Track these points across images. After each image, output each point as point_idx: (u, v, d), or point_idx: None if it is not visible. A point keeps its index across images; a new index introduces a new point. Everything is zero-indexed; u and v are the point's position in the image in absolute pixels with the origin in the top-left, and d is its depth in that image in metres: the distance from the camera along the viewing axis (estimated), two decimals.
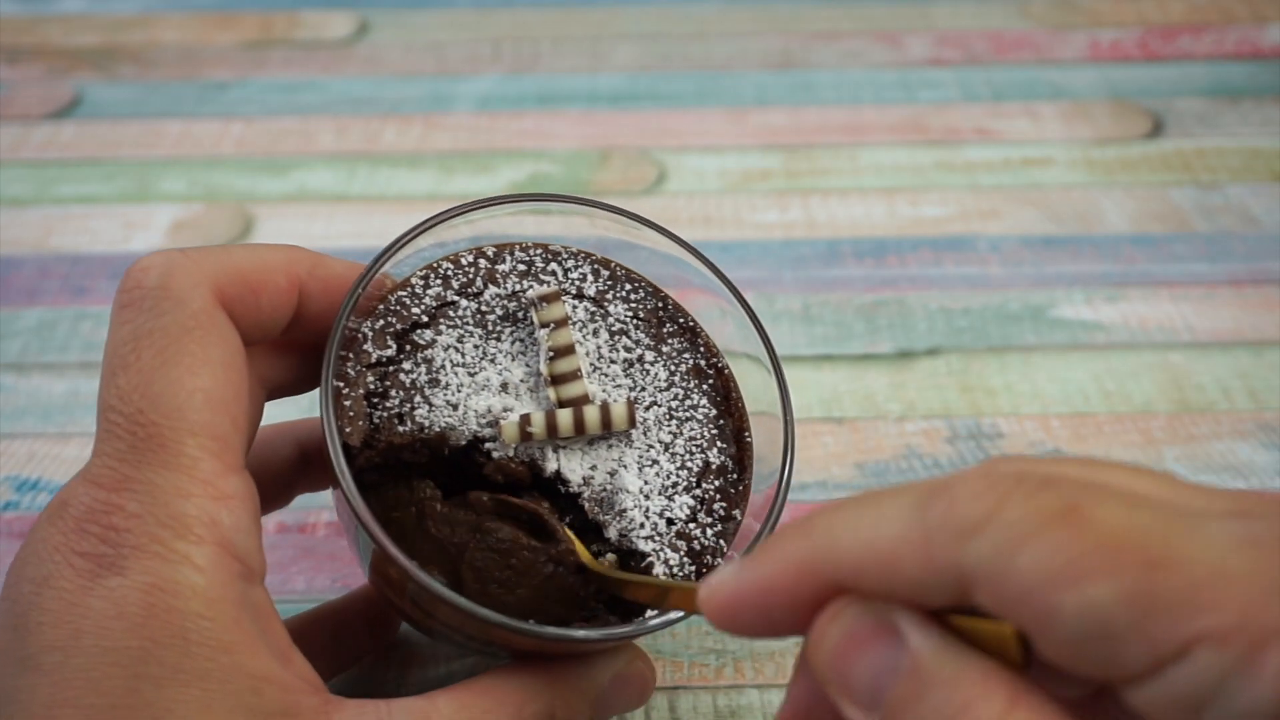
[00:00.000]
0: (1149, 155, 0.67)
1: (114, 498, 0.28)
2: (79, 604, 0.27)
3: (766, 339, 0.36)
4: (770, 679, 0.42)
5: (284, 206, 0.63)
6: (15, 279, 0.59)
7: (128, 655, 0.27)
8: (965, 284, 0.58)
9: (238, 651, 0.28)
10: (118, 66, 0.74)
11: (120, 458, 0.29)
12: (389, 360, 0.34)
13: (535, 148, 0.67)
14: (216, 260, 0.31)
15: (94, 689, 0.27)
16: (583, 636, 0.32)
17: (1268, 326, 0.56)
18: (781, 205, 0.63)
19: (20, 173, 0.65)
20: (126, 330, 0.30)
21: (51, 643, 0.27)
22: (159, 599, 0.27)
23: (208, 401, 0.29)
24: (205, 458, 0.29)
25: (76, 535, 0.28)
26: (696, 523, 0.34)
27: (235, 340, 0.31)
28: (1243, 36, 0.76)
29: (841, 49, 0.76)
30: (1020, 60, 0.75)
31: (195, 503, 0.28)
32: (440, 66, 0.74)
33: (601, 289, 0.37)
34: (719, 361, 0.37)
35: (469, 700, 0.31)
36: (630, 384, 0.36)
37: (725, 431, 0.36)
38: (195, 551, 0.28)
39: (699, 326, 0.37)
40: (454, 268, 0.36)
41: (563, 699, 0.32)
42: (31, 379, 0.53)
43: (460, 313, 0.35)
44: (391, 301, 0.35)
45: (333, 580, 0.45)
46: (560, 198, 0.37)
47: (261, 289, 0.32)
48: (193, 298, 0.30)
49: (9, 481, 0.49)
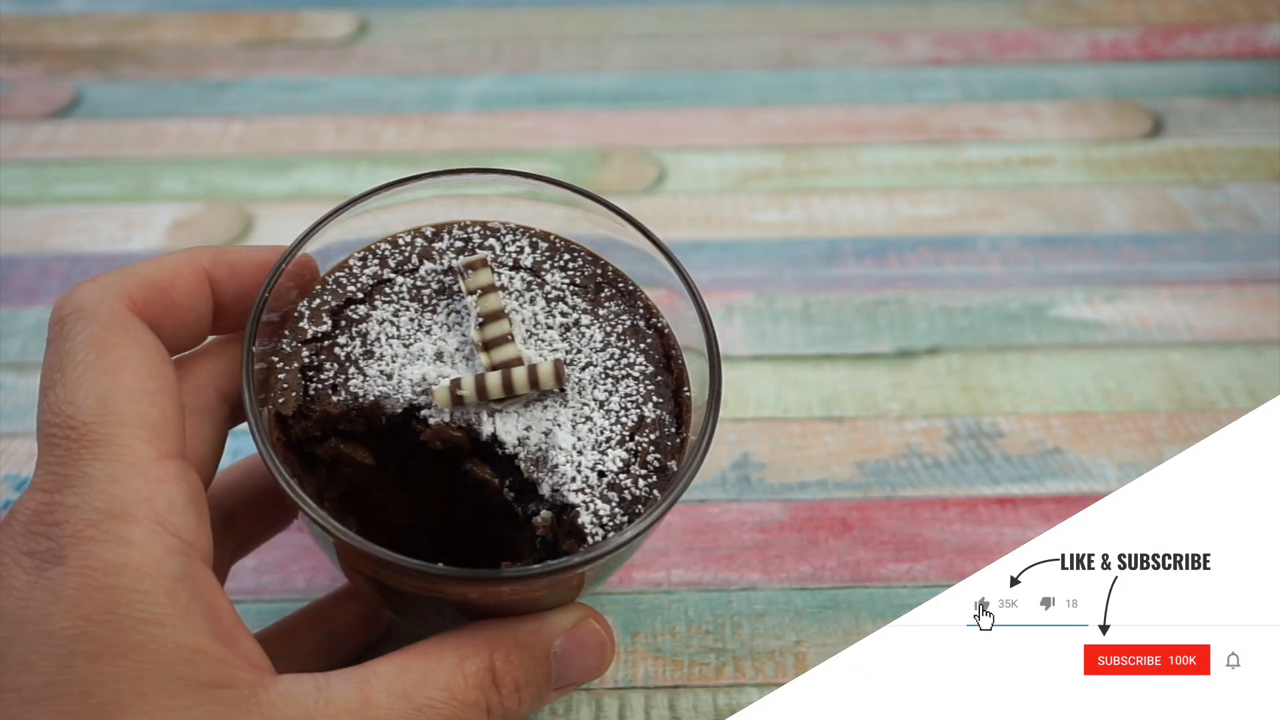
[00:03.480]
0: (1149, 155, 0.67)
1: (54, 496, 0.29)
2: (25, 598, 0.28)
3: (691, 284, 0.36)
4: (770, 678, 0.42)
5: (284, 206, 0.63)
6: (15, 279, 0.59)
7: (62, 635, 0.28)
8: (965, 283, 0.58)
9: (170, 624, 0.28)
10: (118, 66, 0.74)
11: (58, 461, 0.30)
12: (324, 335, 0.35)
13: (535, 148, 0.67)
14: (122, 274, 0.33)
15: (29, 670, 0.27)
16: (511, 574, 0.31)
17: (1268, 326, 0.56)
18: (781, 205, 0.63)
19: (20, 173, 0.65)
20: (52, 357, 0.32)
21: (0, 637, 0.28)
22: (93, 579, 0.28)
23: (132, 396, 0.30)
24: (137, 445, 0.30)
25: (23, 537, 0.29)
26: (629, 474, 0.34)
27: (152, 340, 0.32)
28: (1243, 36, 0.76)
29: (841, 49, 0.76)
30: (1020, 60, 0.75)
31: (128, 485, 0.29)
32: (440, 66, 0.74)
33: (539, 259, 0.38)
34: (659, 322, 0.37)
35: (407, 663, 0.31)
36: (566, 347, 0.36)
37: (663, 387, 0.36)
38: (129, 530, 0.29)
39: (639, 290, 0.38)
40: (391, 248, 0.37)
41: (503, 654, 0.32)
42: (31, 379, 0.53)
43: (396, 289, 0.36)
44: (329, 281, 0.36)
45: (332, 580, 0.45)
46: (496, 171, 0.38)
47: (169, 286, 0.33)
48: (102, 312, 0.32)
49: (9, 481, 0.49)
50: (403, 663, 0.31)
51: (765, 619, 0.44)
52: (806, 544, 0.46)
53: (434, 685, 0.31)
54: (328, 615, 0.40)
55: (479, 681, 0.32)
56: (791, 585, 0.45)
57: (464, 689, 0.31)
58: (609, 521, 0.33)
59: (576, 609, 0.35)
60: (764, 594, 0.45)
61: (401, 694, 0.30)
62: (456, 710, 0.31)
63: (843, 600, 0.44)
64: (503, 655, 0.32)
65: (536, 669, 0.33)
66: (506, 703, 0.32)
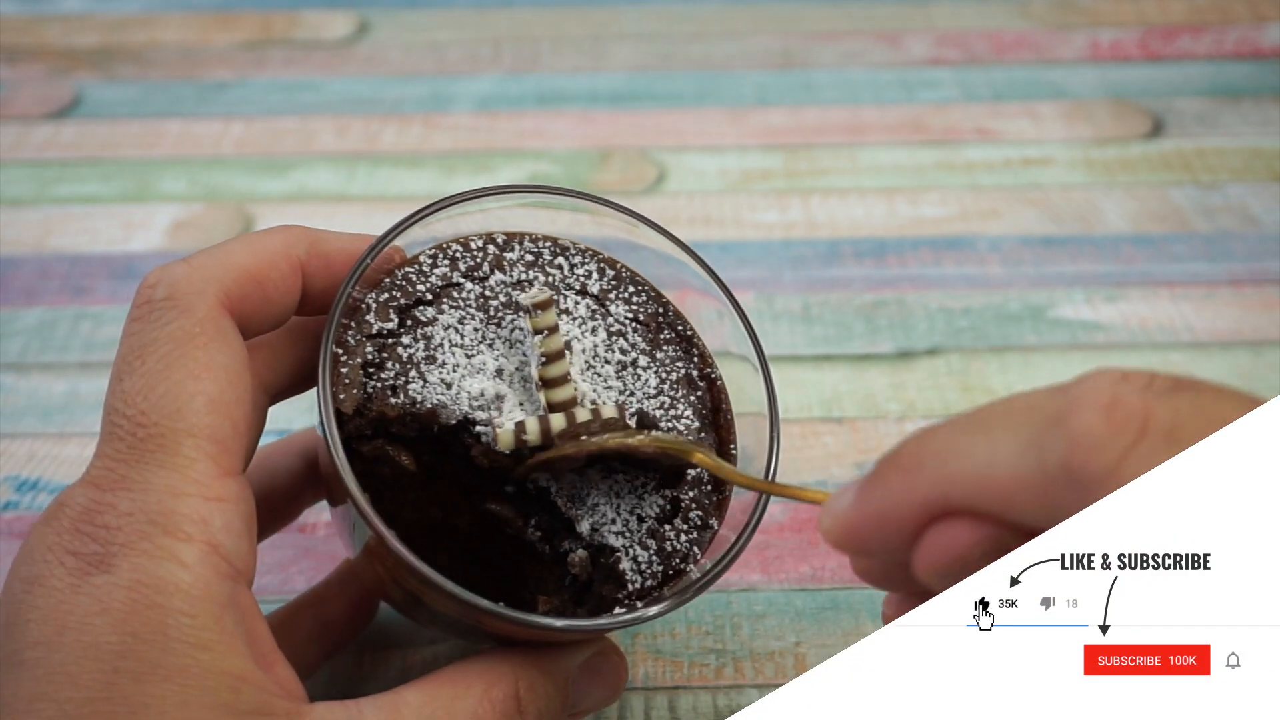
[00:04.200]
0: (1149, 155, 0.67)
1: (108, 497, 0.29)
2: (66, 602, 0.28)
3: (758, 344, 0.36)
4: (770, 679, 0.42)
5: (284, 206, 0.63)
6: (15, 279, 0.59)
7: (108, 650, 0.27)
8: (965, 284, 0.58)
9: (217, 650, 0.28)
10: (118, 66, 0.74)
11: (119, 458, 0.29)
12: (389, 333, 0.34)
13: (535, 148, 0.67)
14: (219, 263, 0.32)
15: (72, 683, 0.27)
16: (563, 626, 0.32)
17: (1268, 326, 0.56)
18: (781, 205, 0.63)
19: (20, 173, 0.65)
20: (134, 340, 0.31)
21: (37, 639, 0.28)
22: (143, 595, 0.28)
23: (209, 405, 0.30)
24: (201, 459, 0.29)
25: (70, 535, 0.28)
26: (671, 526, 0.34)
27: (238, 344, 0.31)
28: (1243, 36, 0.76)
29: (841, 49, 0.76)
30: (1020, 60, 0.75)
31: (187, 502, 0.29)
32: (440, 66, 0.74)
33: (605, 288, 0.37)
34: (712, 373, 0.37)
35: (434, 691, 0.31)
36: (620, 386, 0.36)
37: (706, 444, 0.36)
38: (183, 549, 0.28)
39: (696, 336, 0.38)
40: (463, 250, 0.36)
41: (527, 682, 0.32)
42: (31, 379, 0.53)
43: (464, 295, 0.36)
44: (398, 276, 0.35)
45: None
46: (574, 193, 0.37)
47: (265, 280, 0.32)
48: (197, 305, 0.31)
49: (9, 481, 0.49)
50: (431, 691, 0.31)
51: (765, 620, 0.44)
52: (806, 545, 0.46)
53: (461, 713, 0.31)
54: (322, 603, 0.40)
55: (504, 710, 0.32)
56: (791, 586, 0.45)
57: (491, 716, 0.31)
58: (647, 569, 0.34)
59: (595, 641, 0.35)
60: (764, 595, 0.45)
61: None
62: None
63: (842, 601, 0.44)
64: (527, 684, 0.32)
65: (557, 696, 0.33)
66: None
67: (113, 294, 0.58)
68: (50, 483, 0.49)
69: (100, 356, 0.54)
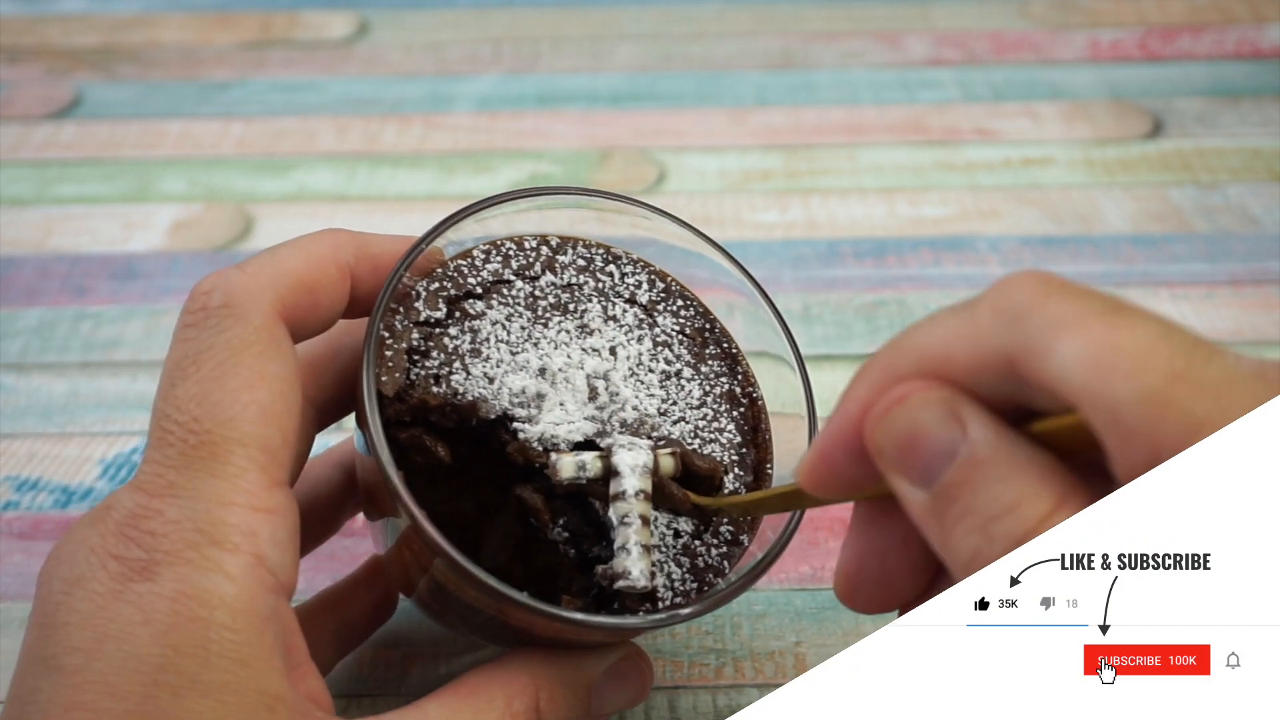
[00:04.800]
0: (1149, 155, 0.67)
1: (156, 503, 0.28)
2: (107, 608, 0.27)
3: (792, 339, 0.37)
4: (770, 679, 0.42)
5: (284, 206, 0.63)
6: (15, 279, 0.59)
7: (149, 663, 0.27)
8: (965, 284, 0.58)
9: (257, 667, 0.28)
10: (118, 66, 0.74)
11: (169, 464, 0.29)
12: (437, 322, 0.34)
13: (535, 148, 0.67)
14: (274, 271, 0.32)
15: (111, 694, 0.27)
16: (590, 622, 0.31)
17: (1268, 326, 0.56)
18: (781, 205, 0.63)
19: (20, 173, 0.65)
20: (189, 346, 0.30)
21: (76, 644, 0.27)
22: (186, 607, 0.27)
23: (261, 414, 0.29)
24: (252, 469, 0.29)
25: (115, 539, 0.28)
26: (702, 542, 0.34)
27: (291, 353, 0.31)
28: (1243, 36, 0.76)
29: (841, 49, 0.76)
30: (1020, 60, 0.75)
31: (235, 512, 0.28)
32: (440, 66, 0.74)
33: (654, 299, 0.38)
34: (754, 392, 0.38)
35: (456, 703, 0.31)
36: (664, 395, 0.36)
37: (746, 461, 0.36)
38: (229, 561, 0.28)
39: (741, 354, 0.38)
40: (516, 249, 0.37)
41: (548, 692, 0.32)
42: (31, 379, 0.53)
43: (514, 292, 0.36)
44: (450, 267, 0.35)
45: (332, 579, 0.45)
46: (604, 194, 0.38)
47: (317, 286, 0.32)
48: (253, 313, 0.31)
49: (9, 481, 0.49)
50: (454, 704, 0.31)
51: (765, 619, 0.44)
52: (806, 544, 0.46)
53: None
54: (342, 603, 0.40)
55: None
56: (791, 586, 0.45)
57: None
58: (679, 586, 0.34)
59: (621, 645, 0.35)
60: (764, 594, 0.45)
61: None
62: None
63: None
64: (548, 694, 0.32)
65: (578, 704, 0.33)
66: None
67: (113, 294, 0.58)
68: (50, 483, 0.49)
69: (100, 357, 0.54)
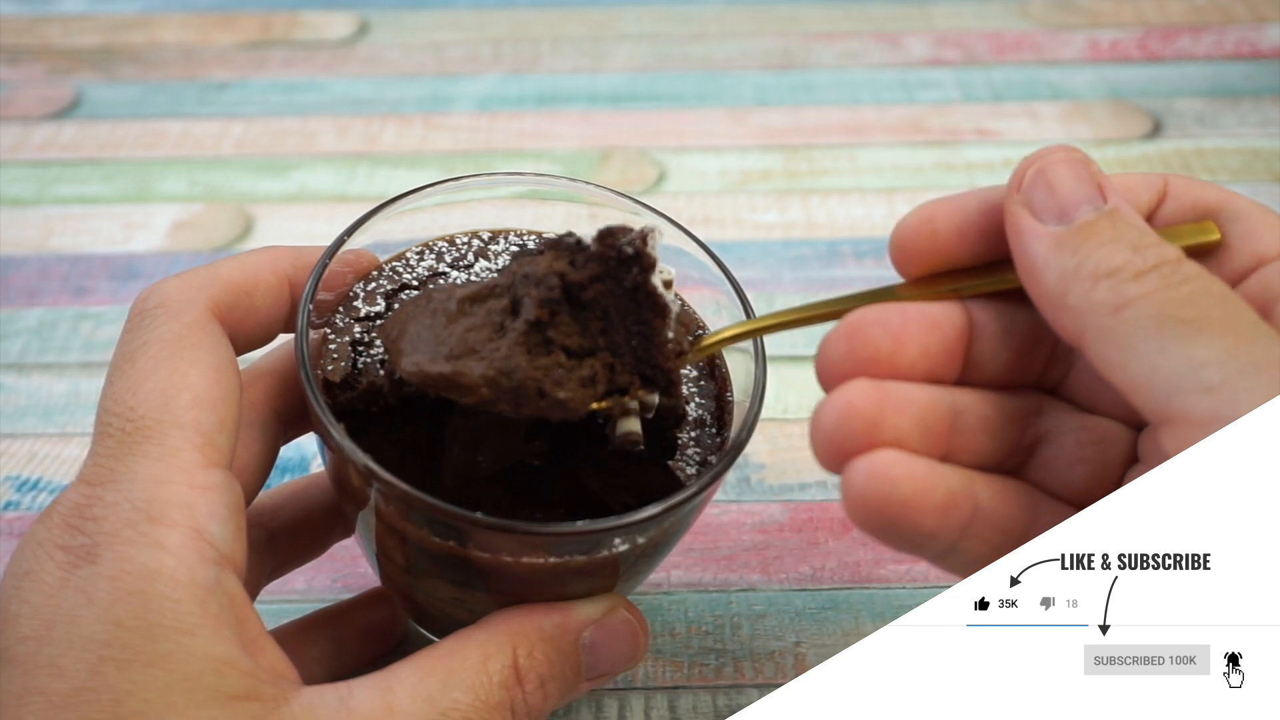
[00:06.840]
0: (1148, 155, 0.67)
1: (96, 491, 0.29)
2: (55, 596, 0.28)
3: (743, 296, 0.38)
4: (770, 679, 0.42)
5: (284, 206, 0.63)
6: (15, 279, 0.59)
7: (94, 640, 0.27)
8: None
9: (201, 634, 0.28)
10: (118, 66, 0.74)
11: (109, 454, 0.30)
12: (377, 315, 0.36)
13: (535, 148, 0.67)
14: (207, 274, 0.34)
15: (59, 675, 0.27)
16: (550, 531, 0.31)
17: None
18: (781, 205, 0.63)
19: (20, 173, 0.66)
20: (126, 346, 0.32)
21: (26, 634, 0.28)
22: (127, 583, 0.28)
23: (195, 399, 0.31)
24: (187, 449, 0.30)
25: (60, 530, 0.29)
26: (672, 463, 0.35)
27: (226, 347, 0.33)
28: (1242, 37, 0.76)
29: (841, 49, 0.76)
30: (1020, 60, 0.75)
31: (172, 489, 0.29)
32: (440, 67, 0.74)
33: None
34: (701, 333, 0.38)
35: (430, 665, 0.31)
36: None
37: (705, 390, 0.37)
38: (166, 535, 0.29)
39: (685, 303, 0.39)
40: (448, 246, 0.38)
41: (527, 647, 0.32)
42: (31, 379, 0.53)
43: (450, 282, 0.37)
44: (385, 269, 0.37)
45: (332, 580, 0.45)
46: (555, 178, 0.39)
47: (253, 290, 0.34)
48: (186, 311, 0.32)
49: (9, 481, 0.49)
50: (426, 666, 0.31)
51: (765, 620, 0.44)
52: (806, 545, 0.46)
53: (458, 687, 0.30)
54: (336, 622, 0.40)
55: (503, 680, 0.31)
56: (791, 586, 0.45)
57: (488, 689, 0.31)
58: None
59: (607, 598, 0.34)
60: (764, 595, 0.45)
61: (425, 698, 0.30)
62: (481, 712, 0.30)
63: (842, 601, 0.44)
64: (526, 650, 0.32)
65: (563, 662, 0.32)
66: (531, 699, 0.32)
67: (113, 294, 0.58)
68: (50, 483, 0.49)
69: (101, 356, 0.54)
